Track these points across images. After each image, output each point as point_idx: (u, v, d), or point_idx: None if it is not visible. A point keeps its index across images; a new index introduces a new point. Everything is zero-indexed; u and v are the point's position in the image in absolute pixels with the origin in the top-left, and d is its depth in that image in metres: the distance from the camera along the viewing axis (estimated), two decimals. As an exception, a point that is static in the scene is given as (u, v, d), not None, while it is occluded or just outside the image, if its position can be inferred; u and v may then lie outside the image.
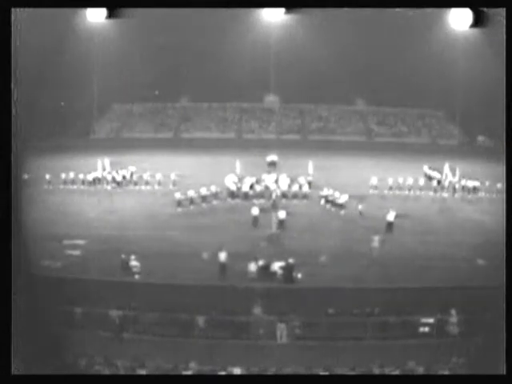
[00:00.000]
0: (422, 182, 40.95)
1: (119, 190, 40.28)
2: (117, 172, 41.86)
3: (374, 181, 39.93)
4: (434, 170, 43.71)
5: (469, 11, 14.27)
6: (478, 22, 13.91)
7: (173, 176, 40.36)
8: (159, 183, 40.22)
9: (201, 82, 58.33)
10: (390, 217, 31.38)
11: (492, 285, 14.50)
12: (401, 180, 40.26)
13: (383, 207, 33.94)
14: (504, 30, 11.22)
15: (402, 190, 39.87)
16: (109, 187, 40.33)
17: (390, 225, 31.24)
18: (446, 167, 41.79)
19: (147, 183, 40.58)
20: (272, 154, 46.50)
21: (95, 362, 16.91)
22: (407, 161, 48.27)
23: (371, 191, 39.03)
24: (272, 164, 45.62)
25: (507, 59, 11.15)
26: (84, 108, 59.17)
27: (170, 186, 39.30)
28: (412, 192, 39.82)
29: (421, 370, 16.91)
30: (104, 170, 41.80)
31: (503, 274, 10.63)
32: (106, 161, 42.76)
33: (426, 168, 44.75)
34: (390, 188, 39.75)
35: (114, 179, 41.06)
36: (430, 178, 42.99)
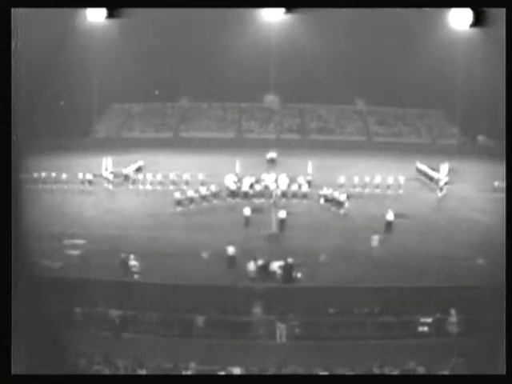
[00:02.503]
0: (417, 180, 41.05)
1: (129, 185, 40.38)
2: (125, 167, 42.30)
3: (341, 179, 39.45)
4: (425, 165, 43.97)
5: (469, 11, 14.28)
6: (478, 21, 13.91)
7: (172, 176, 40.37)
8: (159, 183, 40.22)
9: (200, 82, 58.34)
10: (390, 216, 31.39)
11: (492, 284, 14.50)
12: (401, 180, 40.27)
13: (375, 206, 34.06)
14: (504, 29, 11.22)
15: (399, 189, 39.90)
16: (110, 186, 40.33)
17: (389, 224, 31.26)
18: (445, 167, 41.83)
19: (147, 182, 40.60)
20: (271, 151, 46.64)
21: (95, 361, 16.91)
22: (407, 160, 48.10)
23: (339, 190, 37.73)
24: (271, 161, 45.89)
25: (507, 59, 11.14)
26: (84, 108, 59.17)
27: (171, 186, 39.30)
28: (411, 191, 39.89)
29: (421, 370, 16.90)
30: (106, 169, 41.87)
31: (503, 273, 10.63)
32: (109, 160, 42.88)
33: (418, 163, 44.97)
34: (386, 187, 39.75)
35: (122, 174, 41.50)
36: (421, 173, 43.25)
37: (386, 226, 31.16)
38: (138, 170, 43.51)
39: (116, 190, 40.09)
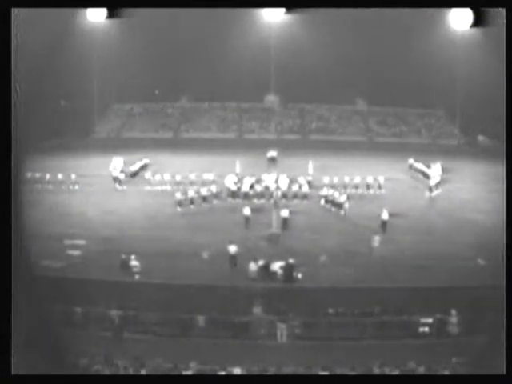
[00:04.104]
0: (417, 180, 41.11)
1: (143, 185, 40.42)
2: (131, 165, 42.81)
3: (342, 180, 39.27)
4: (420, 163, 44.18)
5: (469, 11, 14.28)
6: (478, 21, 13.89)
7: (172, 176, 40.34)
8: (159, 183, 40.20)
9: (201, 82, 58.31)
10: (385, 215, 31.45)
11: (492, 285, 14.50)
12: (400, 179, 40.29)
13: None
14: (504, 29, 11.21)
15: (398, 189, 39.89)
16: (119, 186, 40.35)
17: (384, 223, 31.32)
18: (437, 166, 42.06)
19: (148, 182, 40.64)
20: (272, 150, 46.63)
21: (95, 361, 16.92)
22: (408, 160, 48.05)
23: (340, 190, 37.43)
24: (272, 159, 45.85)
25: (507, 59, 11.14)
26: (84, 108, 59.14)
27: (171, 186, 39.28)
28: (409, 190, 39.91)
29: (421, 370, 16.91)
30: (115, 168, 41.96)
31: (503, 273, 10.62)
32: (119, 160, 42.99)
33: (411, 160, 45.09)
34: (385, 187, 39.73)
35: (130, 172, 41.85)
36: (417, 171, 43.40)
37: (382, 225, 31.23)
38: (143, 168, 43.66)
39: (126, 189, 39.98)
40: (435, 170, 42.04)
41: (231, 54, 55.16)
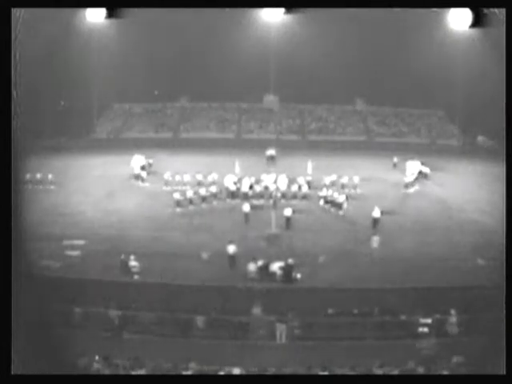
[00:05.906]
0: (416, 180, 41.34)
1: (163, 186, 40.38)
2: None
3: (341, 180, 39.36)
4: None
5: (469, 11, 14.28)
6: (477, 21, 13.90)
7: (172, 176, 40.34)
8: (159, 183, 40.20)
9: (200, 82, 58.34)
10: (376, 213, 31.49)
11: (492, 285, 14.50)
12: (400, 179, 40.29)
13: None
14: (504, 29, 11.21)
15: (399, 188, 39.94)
16: (139, 182, 40.41)
17: (375, 221, 31.37)
18: (414, 164, 42.35)
19: (148, 182, 40.64)
20: (271, 149, 46.66)
21: (95, 361, 16.92)
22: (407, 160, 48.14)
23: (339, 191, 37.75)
24: (271, 158, 45.87)
25: (507, 59, 11.14)
26: (84, 108, 59.15)
27: (171, 186, 39.27)
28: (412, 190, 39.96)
29: (421, 370, 16.91)
30: (135, 166, 42.22)
31: (503, 273, 10.62)
32: (140, 158, 43.15)
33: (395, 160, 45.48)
34: (385, 187, 39.76)
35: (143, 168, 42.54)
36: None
37: (373, 222, 31.26)
38: (143, 168, 43.80)
39: (150, 187, 40.01)
40: (413, 167, 42.48)
41: (230, 54, 55.19)
